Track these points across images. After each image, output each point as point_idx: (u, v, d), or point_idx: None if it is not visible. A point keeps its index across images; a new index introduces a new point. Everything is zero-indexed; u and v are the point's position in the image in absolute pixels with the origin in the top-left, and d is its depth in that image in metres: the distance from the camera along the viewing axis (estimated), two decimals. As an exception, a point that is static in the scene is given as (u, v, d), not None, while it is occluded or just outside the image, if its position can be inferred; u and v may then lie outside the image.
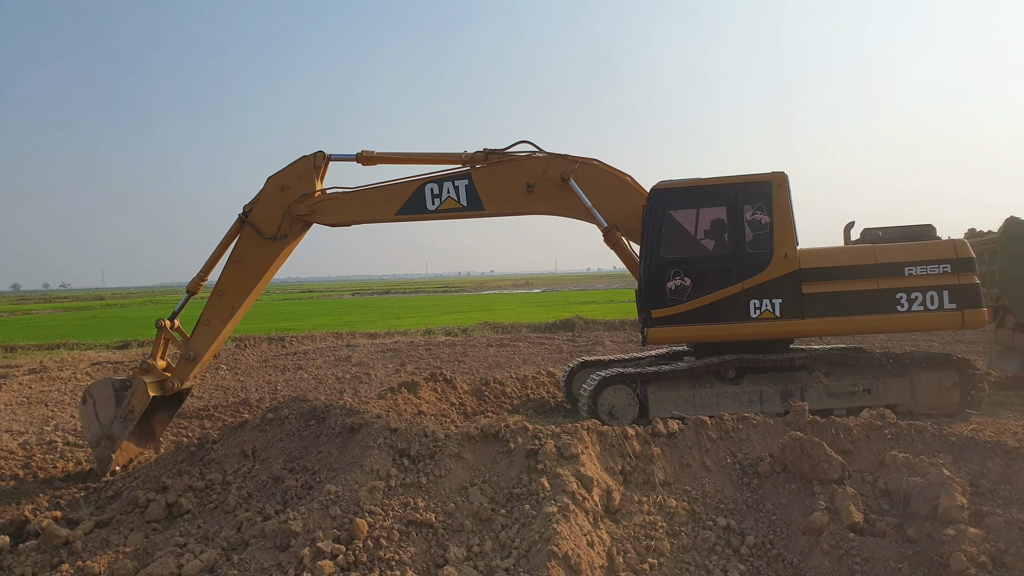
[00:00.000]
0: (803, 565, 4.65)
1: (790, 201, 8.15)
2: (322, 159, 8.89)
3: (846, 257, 8.12)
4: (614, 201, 8.63)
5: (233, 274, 8.73)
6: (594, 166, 8.75)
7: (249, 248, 8.73)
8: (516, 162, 8.77)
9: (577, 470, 5.13)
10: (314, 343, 22.71)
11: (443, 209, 8.81)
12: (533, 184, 8.64)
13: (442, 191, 8.77)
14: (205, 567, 4.57)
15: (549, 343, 20.13)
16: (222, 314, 8.70)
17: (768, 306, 8.01)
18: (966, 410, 8.02)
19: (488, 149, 8.78)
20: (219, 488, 5.84)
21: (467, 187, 8.74)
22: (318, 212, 8.86)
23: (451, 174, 8.84)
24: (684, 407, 8.04)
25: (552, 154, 8.74)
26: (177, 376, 8.51)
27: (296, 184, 8.77)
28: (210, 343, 8.70)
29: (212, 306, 8.72)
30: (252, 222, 8.71)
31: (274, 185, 8.79)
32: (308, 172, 8.82)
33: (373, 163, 9.06)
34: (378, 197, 8.92)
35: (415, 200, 8.81)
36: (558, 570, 4.16)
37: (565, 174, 8.57)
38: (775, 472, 5.40)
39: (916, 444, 5.58)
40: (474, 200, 8.75)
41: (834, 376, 8.18)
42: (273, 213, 8.72)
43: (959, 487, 4.83)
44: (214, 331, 8.70)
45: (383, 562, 4.42)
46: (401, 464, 5.43)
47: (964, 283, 7.86)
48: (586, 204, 8.47)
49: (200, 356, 8.64)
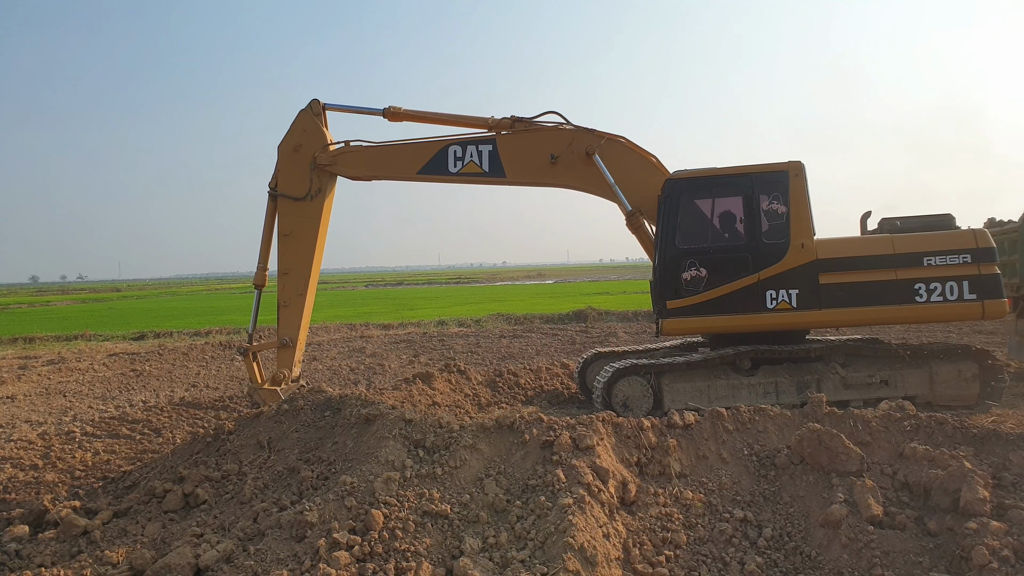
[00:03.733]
0: (821, 558, 4.60)
1: (807, 191, 8.05)
2: (319, 107, 8.88)
3: (864, 247, 8.01)
4: (638, 181, 8.59)
5: (288, 249, 8.75)
6: (621, 143, 8.71)
7: (291, 218, 8.75)
8: (542, 132, 8.74)
9: (592, 462, 5.10)
10: (328, 334, 22.80)
11: (464, 172, 8.81)
12: (557, 156, 8.61)
13: (465, 154, 8.78)
14: (222, 557, 4.58)
15: (562, 334, 20.09)
16: (297, 291, 8.74)
17: (785, 297, 7.92)
18: (986, 402, 7.91)
19: (516, 116, 8.77)
20: (235, 479, 5.85)
21: (491, 152, 8.74)
22: (340, 163, 8.90)
23: (476, 138, 8.84)
24: (699, 399, 7.99)
25: (580, 127, 8.71)
26: (283, 366, 8.72)
27: (307, 140, 8.81)
28: (298, 323, 8.79)
29: (284, 288, 8.77)
30: (282, 193, 8.75)
31: (287, 149, 8.83)
32: (313, 124, 8.85)
33: (399, 119, 9.06)
34: (401, 153, 8.94)
35: (437, 160, 8.83)
36: (574, 562, 4.13)
37: (591, 149, 8.53)
38: (792, 464, 5.34)
39: (936, 436, 5.50)
40: (496, 167, 8.76)
41: (851, 367, 8.09)
42: (298, 175, 8.75)
43: (981, 480, 4.75)
44: (296, 310, 8.78)
45: (399, 553, 4.42)
46: (416, 455, 5.42)
47: (984, 273, 7.73)
48: (609, 181, 8.43)
49: (295, 339, 8.78)
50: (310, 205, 8.77)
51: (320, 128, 8.89)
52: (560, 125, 8.74)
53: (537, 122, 8.75)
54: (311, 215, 8.79)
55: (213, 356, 18.49)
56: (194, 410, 10.96)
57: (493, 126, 8.81)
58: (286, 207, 8.77)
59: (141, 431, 9.57)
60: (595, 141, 8.59)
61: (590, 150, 8.53)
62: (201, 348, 19.96)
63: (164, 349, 19.95)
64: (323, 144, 8.79)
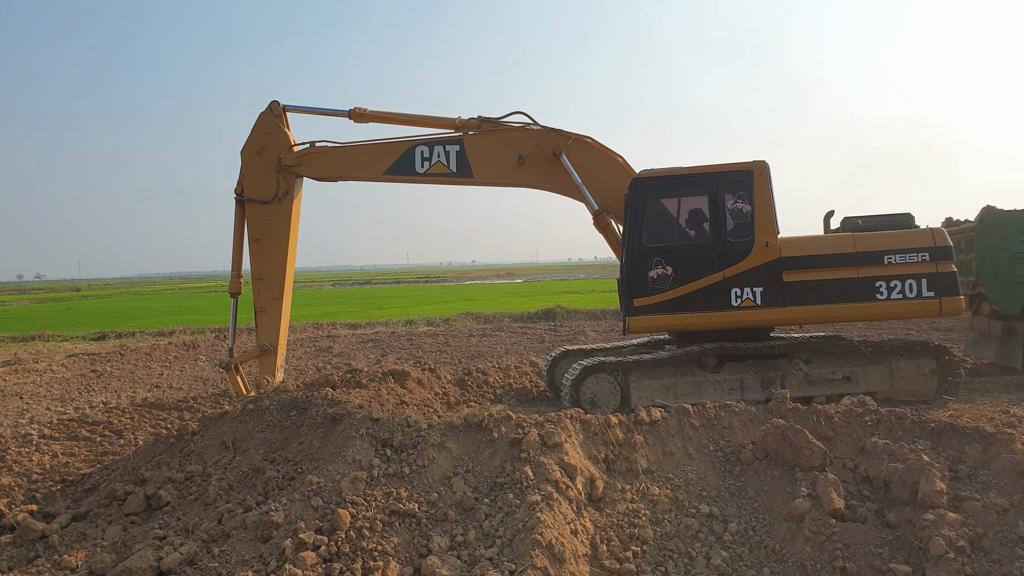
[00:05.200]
0: (785, 551, 4.66)
1: (771, 190, 8.18)
2: (279, 108, 8.83)
3: (827, 246, 8.17)
4: (605, 181, 8.65)
5: (261, 254, 8.72)
6: (587, 144, 8.77)
7: (260, 223, 8.70)
8: (509, 132, 8.76)
9: (560, 459, 5.12)
10: (294, 334, 22.53)
11: (431, 173, 8.80)
12: (525, 156, 8.63)
13: (432, 155, 8.77)
14: (185, 559, 4.51)
15: (531, 333, 20.12)
16: (272, 295, 8.72)
17: (749, 295, 8.05)
18: (944, 396, 8.12)
19: (482, 117, 8.77)
20: (199, 480, 5.76)
21: (458, 153, 8.73)
22: (306, 164, 8.85)
23: (443, 138, 8.81)
24: (665, 395, 8.07)
25: (546, 128, 8.75)
26: (266, 372, 8.62)
27: (269, 142, 8.73)
28: (277, 327, 8.74)
29: (259, 293, 8.73)
30: (249, 197, 8.64)
31: (250, 153, 8.76)
32: (274, 126, 8.79)
33: (365, 120, 9.01)
34: (367, 154, 8.92)
35: (404, 161, 8.80)
36: (542, 559, 4.14)
37: (558, 149, 8.58)
38: (757, 459, 5.42)
39: (896, 431, 5.62)
40: (464, 167, 8.74)
41: (814, 364, 8.25)
42: (264, 179, 8.68)
43: (938, 472, 4.87)
44: (274, 315, 8.73)
45: (366, 553, 4.39)
46: (384, 454, 5.39)
47: (942, 271, 7.94)
48: (576, 181, 8.48)
49: (275, 344, 8.72)
50: (278, 208, 8.69)
51: (282, 129, 8.82)
52: (527, 125, 8.76)
53: (504, 122, 8.77)
54: (280, 218, 8.72)
55: (177, 356, 18.16)
56: (157, 411, 10.73)
57: (460, 126, 8.79)
58: (254, 212, 8.69)
59: (101, 433, 9.33)
60: (562, 141, 8.64)
61: (557, 150, 8.57)
62: (164, 348, 19.59)
63: (126, 349, 19.52)
64: (287, 145, 8.72)
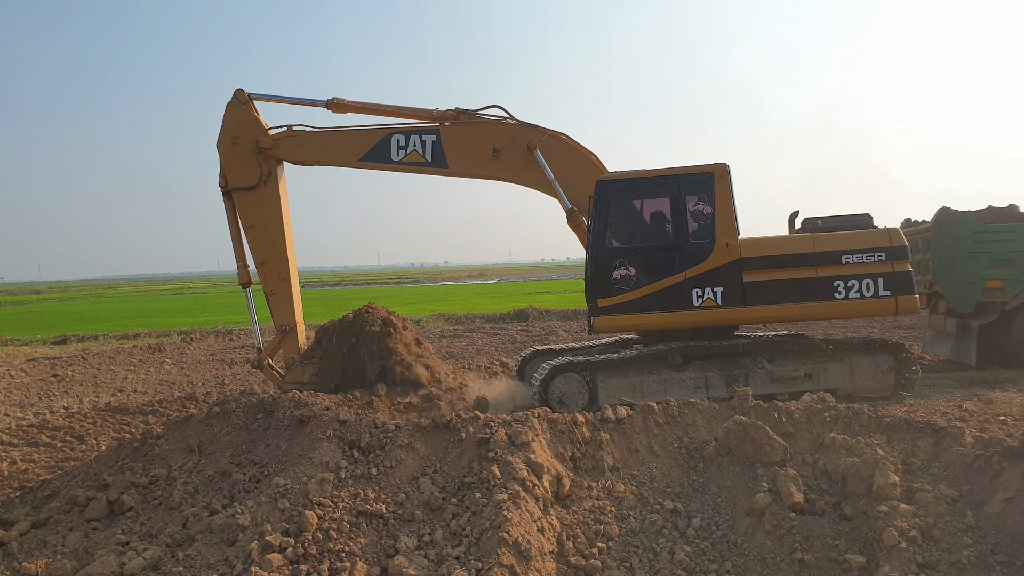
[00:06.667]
0: (746, 545, 4.77)
1: (732, 191, 8.33)
2: (244, 96, 8.98)
3: (786, 246, 8.33)
4: (578, 179, 8.77)
5: (258, 240, 9.00)
6: (562, 141, 8.89)
7: (251, 209, 8.94)
8: (486, 125, 8.90)
9: (528, 457, 5.17)
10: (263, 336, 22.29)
11: (407, 162, 8.93)
12: (500, 150, 8.75)
13: (408, 143, 8.89)
14: (148, 565, 4.47)
15: (503, 333, 20.19)
16: (279, 276, 9.04)
17: (710, 294, 8.18)
18: (901, 392, 8.32)
19: (460, 109, 8.89)
20: (164, 484, 5.69)
21: (434, 143, 8.86)
22: (282, 147, 9.02)
23: (419, 128, 8.94)
24: (632, 394, 8.16)
25: (523, 123, 8.88)
26: (290, 351, 9.18)
27: (242, 130, 8.90)
28: (290, 306, 9.12)
29: (266, 277, 9.07)
30: (234, 187, 8.90)
31: (225, 144, 8.93)
32: (244, 113, 8.95)
33: (343, 111, 9.14)
34: (344, 140, 9.06)
35: (380, 148, 8.93)
36: (508, 556, 4.18)
37: (532, 144, 8.68)
38: (720, 455, 5.53)
39: (853, 426, 5.77)
40: (439, 157, 8.87)
41: (777, 362, 8.39)
42: (245, 166, 8.88)
43: (892, 466, 5.03)
44: (284, 296, 9.08)
45: (333, 554, 4.40)
46: (351, 456, 5.39)
47: (898, 271, 8.11)
48: (549, 177, 8.60)
49: (293, 323, 9.14)
50: (265, 191, 8.90)
51: (252, 115, 8.98)
52: (503, 119, 8.90)
53: (481, 115, 8.91)
54: (269, 200, 8.94)
55: (142, 359, 17.86)
56: (121, 415, 10.58)
57: (437, 117, 8.92)
58: (243, 200, 8.91)
59: (63, 438, 9.16)
60: (537, 137, 8.75)
61: (531, 145, 8.69)
62: (129, 351, 19.24)
63: (88, 353, 19.13)
64: (260, 130, 8.87)
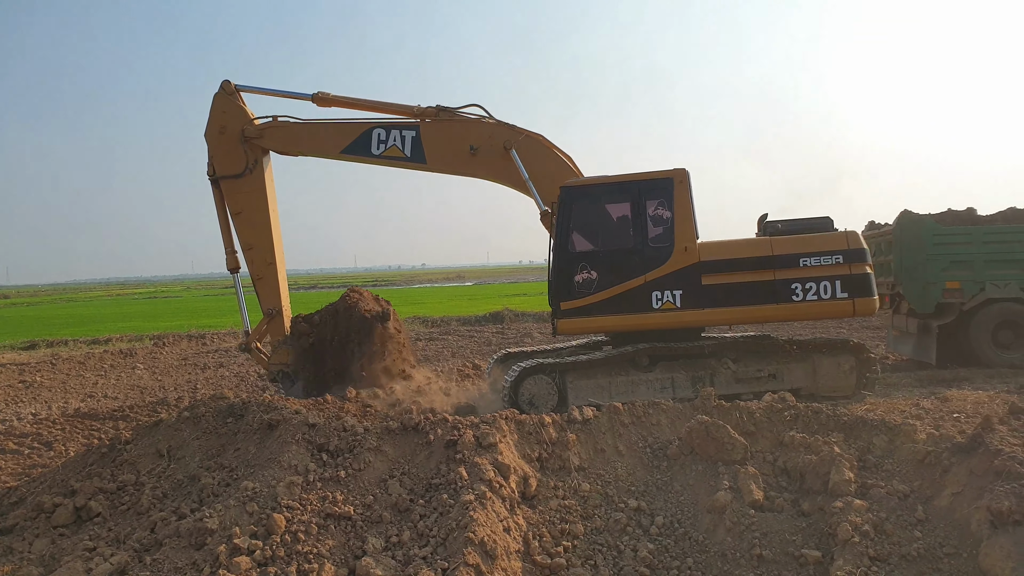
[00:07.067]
0: (707, 542, 4.90)
1: (691, 196, 8.50)
2: (231, 87, 9.31)
3: (744, 249, 8.48)
4: (553, 180, 8.93)
5: (245, 226, 9.32)
6: (538, 142, 9.08)
7: (238, 196, 9.28)
8: (465, 123, 9.11)
9: (495, 458, 5.25)
10: (236, 340, 22.12)
11: (386, 156, 9.17)
12: (477, 148, 8.95)
13: (388, 138, 9.13)
14: (115, 570, 4.48)
15: (478, 336, 20.26)
16: (265, 261, 9.37)
17: (670, 297, 8.34)
18: (862, 392, 8.53)
19: (440, 106, 9.11)
20: (132, 489, 5.68)
21: (413, 138, 9.09)
22: (267, 136, 9.36)
23: (400, 123, 9.19)
24: (601, 395, 8.28)
25: (501, 122, 9.08)
26: (276, 335, 9.46)
27: (228, 120, 9.23)
28: (276, 291, 9.41)
29: (252, 262, 9.38)
30: (222, 175, 9.24)
31: (213, 133, 9.24)
32: (230, 104, 9.28)
33: (328, 104, 9.44)
34: (326, 131, 9.39)
35: (361, 142, 9.20)
36: (474, 556, 4.26)
37: (508, 143, 8.87)
38: (683, 454, 5.65)
39: (812, 424, 5.94)
40: (418, 152, 9.09)
41: (742, 362, 8.56)
42: (232, 155, 9.22)
43: (847, 463, 5.19)
44: (270, 280, 9.39)
45: (301, 555, 4.45)
46: (320, 459, 5.44)
47: (856, 273, 8.25)
48: (523, 176, 8.77)
49: (278, 306, 9.41)
50: (251, 179, 9.23)
51: (238, 105, 9.31)
52: (482, 118, 9.10)
53: (461, 113, 9.12)
54: (255, 188, 9.28)
55: (113, 365, 17.66)
56: (90, 421, 10.47)
57: (418, 114, 9.16)
58: (230, 187, 9.25)
59: (30, 445, 9.06)
60: (513, 136, 8.96)
61: (508, 145, 8.88)
62: (99, 356, 19.01)
63: (58, 358, 18.87)
64: (247, 120, 9.26)
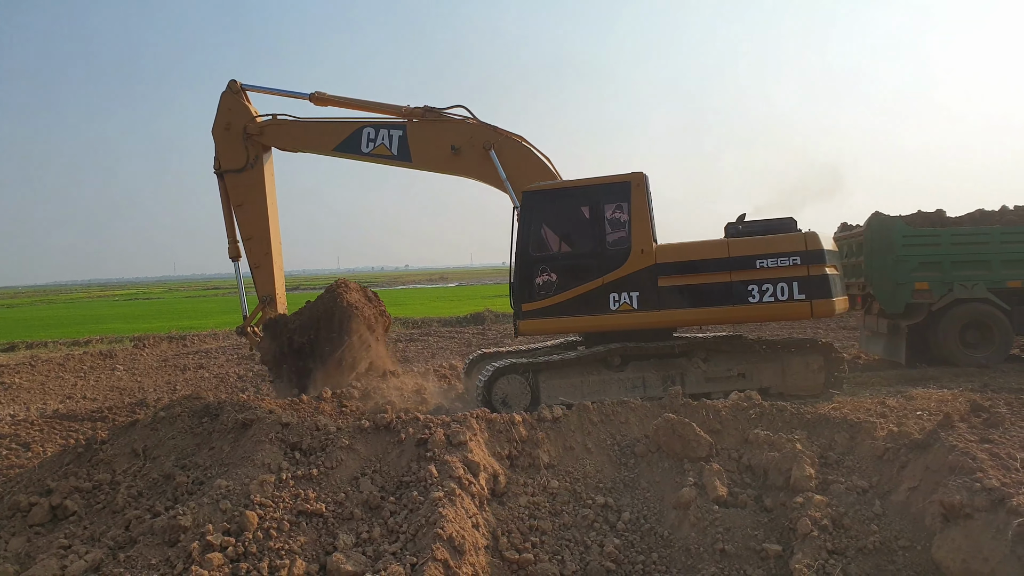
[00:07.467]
0: (672, 537, 5.04)
1: (648, 199, 8.62)
2: (237, 86, 9.87)
3: (700, 252, 8.55)
4: (529, 180, 9.12)
5: (245, 218, 9.89)
6: (517, 143, 9.34)
7: (239, 190, 9.83)
8: (449, 123, 9.44)
9: (465, 456, 5.36)
10: (217, 341, 22.11)
11: (375, 154, 9.61)
12: (458, 147, 9.28)
13: (377, 137, 9.56)
14: (90, 567, 4.55)
15: (459, 336, 20.34)
16: (262, 251, 9.92)
17: (627, 299, 8.45)
18: (830, 390, 8.68)
19: (428, 106, 9.47)
20: (107, 488, 5.73)
21: (400, 137, 9.48)
22: (267, 134, 9.90)
23: (388, 122, 9.59)
24: (573, 394, 8.37)
25: (482, 123, 9.36)
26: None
27: (233, 117, 9.78)
28: (272, 278, 9.98)
29: (251, 252, 9.96)
30: (226, 170, 9.81)
31: (219, 130, 9.79)
32: (236, 103, 9.84)
33: (325, 104, 9.91)
34: (320, 130, 9.89)
35: (352, 140, 9.66)
36: (442, 551, 4.36)
37: (487, 144, 9.16)
38: (650, 452, 5.79)
39: (776, 422, 6.09)
40: (404, 151, 9.49)
41: (712, 362, 8.65)
42: (235, 151, 9.78)
43: (808, 459, 5.36)
44: (267, 269, 9.95)
45: (273, 552, 4.54)
46: (293, 457, 5.53)
47: (814, 274, 8.21)
48: (500, 176, 9.03)
49: (273, 294, 10.00)
50: (252, 173, 9.77)
51: (243, 104, 9.84)
52: (466, 119, 9.39)
53: (446, 114, 9.44)
54: (255, 182, 9.80)
55: (92, 366, 17.56)
56: (69, 422, 10.43)
57: (407, 114, 9.53)
58: (233, 181, 9.79)
59: (8, 446, 9.01)
60: (493, 137, 9.25)
61: (487, 145, 9.15)
62: (79, 358, 18.88)
63: (37, 360, 18.72)
64: (249, 117, 9.77)
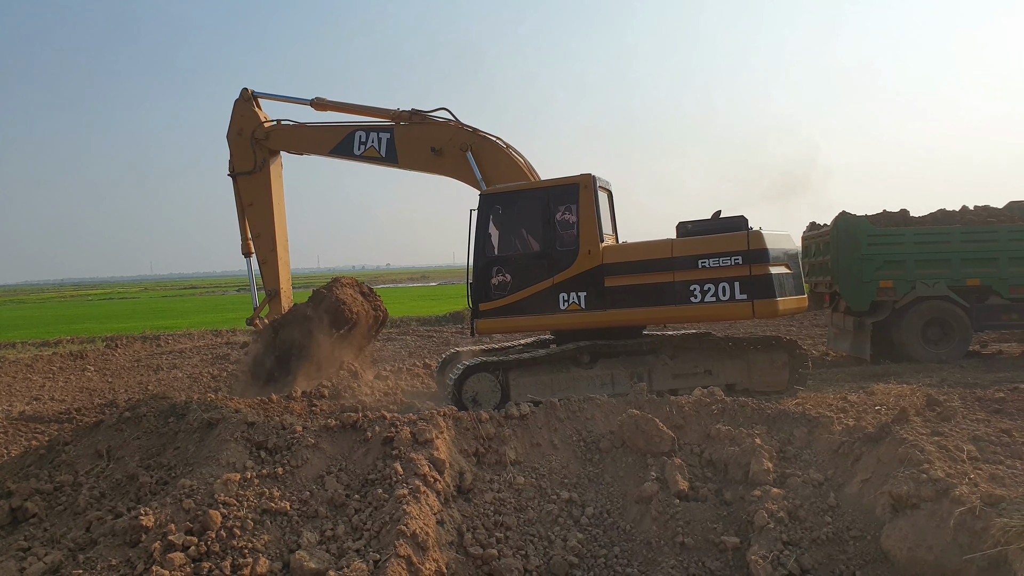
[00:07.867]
0: (634, 531, 5.12)
1: (595, 201, 8.75)
2: (248, 94, 10.66)
3: (644, 252, 8.69)
4: (504, 181, 9.32)
5: (255, 216, 10.70)
6: (495, 145, 9.60)
7: (249, 191, 10.65)
8: (432, 126, 9.85)
9: (431, 454, 5.39)
10: (192, 341, 21.89)
11: (365, 155, 10.12)
12: (438, 149, 9.63)
13: (368, 139, 10.08)
14: (49, 569, 4.54)
15: (437, 336, 20.32)
16: (269, 247, 10.70)
17: (575, 299, 8.61)
18: (795, 387, 8.84)
19: (414, 109, 9.92)
20: (69, 490, 5.68)
21: (388, 140, 9.97)
22: (273, 138, 10.66)
23: (378, 126, 10.10)
24: (543, 391, 8.42)
25: (463, 126, 9.69)
26: (275, 313, 10.65)
27: (245, 123, 10.60)
28: (277, 274, 10.75)
29: (259, 248, 10.75)
30: (238, 172, 10.61)
31: (232, 135, 10.60)
32: (248, 109, 10.65)
33: (325, 108, 10.65)
34: (318, 134, 10.59)
35: (345, 143, 10.22)
36: (405, 547, 4.40)
37: (464, 146, 9.45)
38: (614, 447, 5.86)
39: (738, 417, 6.18)
40: (391, 153, 9.97)
41: (679, 359, 8.78)
42: (245, 154, 10.60)
43: (767, 453, 5.47)
44: (273, 265, 10.72)
45: (236, 550, 4.55)
46: (258, 456, 5.53)
47: (756, 274, 8.18)
48: (476, 177, 9.29)
49: (278, 288, 10.77)
50: (260, 175, 10.57)
51: (253, 110, 10.60)
52: (448, 121, 9.72)
53: (431, 117, 9.83)
54: (263, 183, 10.61)
55: (62, 367, 17.31)
56: (35, 424, 10.28)
57: (395, 117, 10.01)
58: (243, 183, 10.61)
59: (-29, 448, 8.94)
60: (471, 138, 9.54)
61: (463, 146, 9.44)
62: (48, 359, 18.58)
63: (4, 361, 18.41)
64: (258, 123, 10.55)
